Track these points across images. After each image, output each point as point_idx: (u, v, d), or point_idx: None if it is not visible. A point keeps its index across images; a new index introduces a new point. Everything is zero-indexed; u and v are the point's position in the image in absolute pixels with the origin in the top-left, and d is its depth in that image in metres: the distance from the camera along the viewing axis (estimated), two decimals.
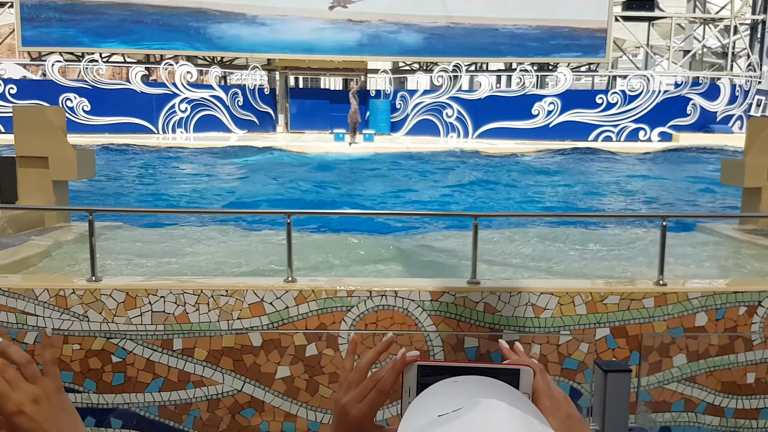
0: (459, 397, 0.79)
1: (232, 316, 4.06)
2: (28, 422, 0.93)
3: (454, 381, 0.86)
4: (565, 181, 14.81)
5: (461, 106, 24.29)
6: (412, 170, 16.12)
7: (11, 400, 0.92)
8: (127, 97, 23.30)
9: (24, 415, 0.93)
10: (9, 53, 30.42)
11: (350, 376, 1.05)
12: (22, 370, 0.94)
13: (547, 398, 0.94)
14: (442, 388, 0.84)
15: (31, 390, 0.94)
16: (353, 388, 1.03)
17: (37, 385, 0.95)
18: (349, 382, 1.05)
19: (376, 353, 1.06)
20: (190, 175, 15.19)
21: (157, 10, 24.96)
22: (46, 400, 0.95)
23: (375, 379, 1.02)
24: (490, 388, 0.84)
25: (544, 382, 0.95)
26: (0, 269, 4.94)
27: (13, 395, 0.93)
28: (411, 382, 0.95)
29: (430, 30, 25.33)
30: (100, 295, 3.97)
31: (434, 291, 4.11)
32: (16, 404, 0.93)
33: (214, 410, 4.04)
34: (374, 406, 1.02)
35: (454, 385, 0.84)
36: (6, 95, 23.07)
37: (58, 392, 0.97)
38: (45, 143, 6.62)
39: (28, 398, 0.93)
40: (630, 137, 24.21)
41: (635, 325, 4.06)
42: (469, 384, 0.84)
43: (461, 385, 0.84)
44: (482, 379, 0.86)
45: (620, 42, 28.93)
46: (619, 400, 1.62)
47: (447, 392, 0.82)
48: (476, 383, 0.85)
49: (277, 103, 26.29)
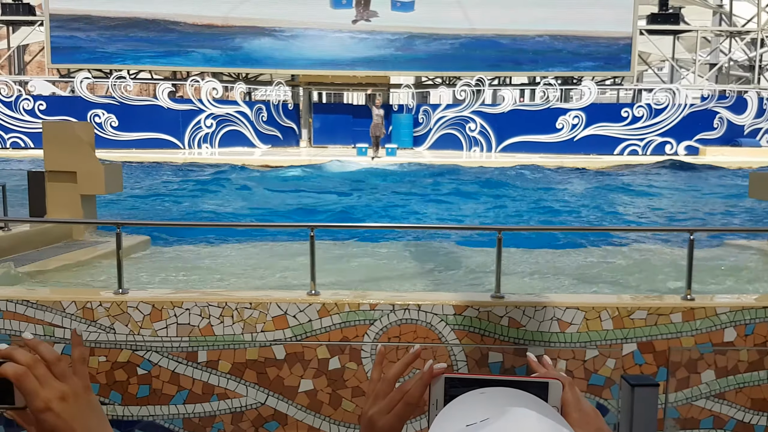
0: (487, 407, 0.79)
1: (255, 328, 4.07)
2: (55, 419, 0.94)
3: (481, 392, 0.85)
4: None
5: (484, 120, 24.26)
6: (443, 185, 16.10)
7: (40, 397, 0.93)
8: (154, 113, 23.64)
9: (51, 412, 0.94)
10: (39, 70, 31.11)
11: (377, 388, 1.05)
12: (51, 368, 0.95)
13: (576, 411, 0.93)
14: (470, 398, 0.84)
15: (60, 387, 0.95)
16: (380, 400, 1.03)
17: (66, 383, 0.96)
18: (377, 393, 1.04)
19: (403, 365, 1.06)
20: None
21: (183, 27, 25.35)
22: (74, 398, 0.96)
23: (402, 391, 1.01)
24: (519, 399, 0.83)
25: (573, 396, 0.94)
26: (28, 282, 5.02)
27: (41, 392, 0.93)
28: (438, 394, 0.94)
29: (452, 43, 25.39)
30: (126, 308, 4.01)
31: (458, 305, 4.09)
32: (44, 401, 0.93)
33: (237, 423, 4.05)
34: (402, 417, 1.01)
35: (482, 396, 0.84)
36: (35, 111, 23.52)
37: (86, 391, 0.98)
38: (73, 158, 6.75)
39: (56, 395, 0.94)
40: (656, 151, 23.97)
41: (663, 341, 4.00)
42: (496, 394, 0.84)
43: (489, 396, 0.83)
44: (510, 391, 0.85)
45: (645, 55, 28.76)
46: (647, 415, 1.60)
47: (474, 403, 0.82)
48: (504, 394, 0.84)
49: (301, 118, 26.50)
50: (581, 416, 0.93)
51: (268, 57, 25.50)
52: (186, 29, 25.38)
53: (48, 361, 0.95)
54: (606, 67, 25.61)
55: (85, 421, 0.96)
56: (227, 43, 25.47)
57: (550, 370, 1.01)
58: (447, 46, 25.43)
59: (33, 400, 0.93)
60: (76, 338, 1.02)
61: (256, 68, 26.20)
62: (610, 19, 24.89)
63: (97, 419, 0.99)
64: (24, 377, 0.93)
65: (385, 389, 1.03)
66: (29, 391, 0.93)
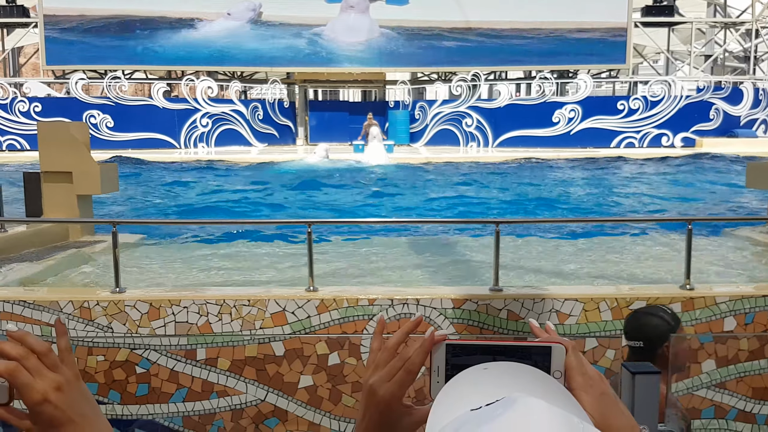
0: (490, 388, 0.77)
1: (254, 325, 4.06)
2: (53, 410, 0.93)
3: (483, 368, 0.83)
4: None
5: (481, 116, 24.25)
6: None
7: (35, 389, 0.92)
8: (149, 113, 23.60)
9: (49, 403, 0.92)
10: (33, 72, 31.03)
11: (378, 356, 1.03)
12: (42, 359, 0.93)
13: (580, 375, 0.91)
14: (472, 376, 0.81)
15: (54, 378, 0.93)
16: (381, 368, 1.01)
17: (59, 372, 0.94)
18: (377, 362, 1.02)
19: (403, 333, 1.04)
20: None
21: (176, 25, 25.28)
22: (68, 387, 0.94)
23: (403, 359, 1.00)
24: (523, 377, 0.81)
25: (576, 360, 0.92)
26: (25, 282, 5.00)
27: (36, 384, 0.92)
28: (440, 361, 0.93)
29: (448, 38, 25.33)
30: (124, 307, 4.00)
31: (456, 299, 4.08)
32: (40, 393, 0.92)
33: (237, 420, 4.04)
34: (403, 385, 1.00)
35: (484, 372, 0.82)
36: (31, 113, 23.48)
37: (77, 379, 0.97)
38: (69, 158, 6.72)
39: (51, 386, 0.93)
40: (653, 143, 23.98)
41: None
42: (500, 372, 0.82)
43: (492, 374, 0.81)
44: (513, 366, 0.83)
45: (640, 48, 28.74)
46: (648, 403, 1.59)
47: (477, 382, 0.80)
48: (507, 371, 0.82)
49: (297, 116, 26.46)
50: (585, 380, 0.91)
51: (263, 55, 25.44)
52: (180, 25, 25.28)
53: (38, 352, 0.94)
54: (601, 60, 25.60)
55: (80, 410, 0.96)
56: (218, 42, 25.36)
57: (553, 335, 1.00)
58: (443, 41, 25.39)
59: (28, 393, 0.92)
60: (61, 327, 1.01)
61: (251, 67, 26.14)
62: (604, 12, 24.88)
63: (90, 407, 0.98)
64: (16, 372, 0.91)
65: (386, 358, 1.02)
66: (23, 384, 0.92)
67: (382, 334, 1.07)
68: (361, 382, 1.01)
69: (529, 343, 0.90)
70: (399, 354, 1.01)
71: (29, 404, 0.93)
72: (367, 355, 4.15)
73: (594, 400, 0.90)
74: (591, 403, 0.89)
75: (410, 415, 1.02)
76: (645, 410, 1.56)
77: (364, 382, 1.03)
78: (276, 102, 25.21)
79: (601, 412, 0.90)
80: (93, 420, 0.97)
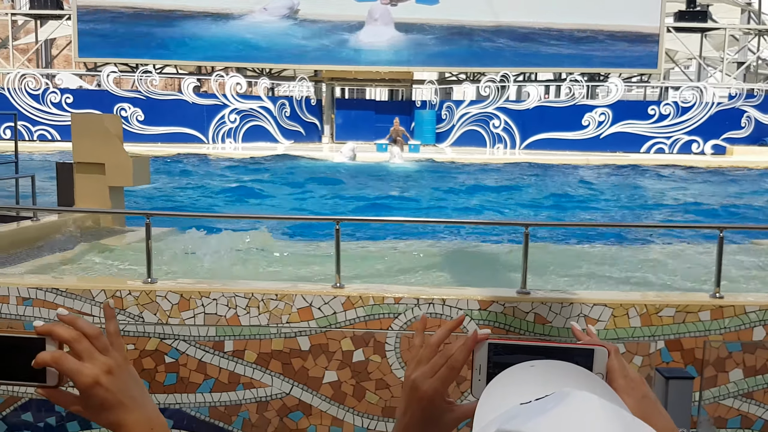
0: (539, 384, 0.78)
1: (281, 320, 4.10)
2: (104, 393, 0.94)
3: (530, 365, 0.84)
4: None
5: (509, 117, 24.12)
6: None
7: (85, 373, 0.93)
8: (179, 108, 23.85)
9: (100, 386, 0.94)
10: (66, 64, 31.50)
11: (420, 353, 1.04)
12: (93, 342, 0.95)
13: (622, 378, 0.93)
14: (520, 373, 0.83)
15: (105, 361, 0.95)
16: (423, 364, 1.02)
17: (109, 356, 0.96)
18: (419, 358, 1.04)
19: (446, 331, 1.05)
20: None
21: (208, 19, 25.49)
22: (118, 370, 0.96)
23: (446, 355, 1.01)
24: (570, 374, 0.82)
25: (618, 363, 0.94)
26: (58, 271, 5.10)
27: (86, 368, 0.93)
28: (482, 359, 0.94)
29: (478, 38, 25.19)
30: (155, 297, 4.06)
31: (483, 300, 4.08)
32: (92, 376, 0.93)
33: (263, 412, 4.08)
34: (445, 381, 1.01)
35: (532, 370, 0.83)
36: (62, 105, 23.85)
37: (126, 363, 0.98)
38: (102, 150, 6.82)
39: (102, 369, 0.94)
40: (683, 149, 23.69)
41: (691, 339, 3.96)
42: (548, 369, 0.83)
43: (540, 370, 0.83)
44: (560, 365, 0.84)
45: (672, 53, 28.40)
46: (681, 408, 1.58)
47: (526, 377, 0.81)
48: (555, 369, 0.83)
49: (323, 114, 26.56)
50: (627, 383, 0.93)
51: (291, 53, 25.56)
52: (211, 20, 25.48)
53: (89, 336, 0.95)
54: (633, 64, 25.32)
55: (129, 392, 0.97)
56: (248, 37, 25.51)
57: (595, 338, 1.01)
58: (472, 40, 25.26)
59: (78, 377, 0.93)
60: (110, 311, 1.02)
61: (280, 64, 26.29)
62: (637, 15, 24.60)
63: (139, 389, 1.00)
64: (63, 359, 0.93)
65: (428, 354, 1.03)
66: (71, 370, 0.93)
67: (423, 331, 1.08)
68: (385, 379, 1.02)
69: (572, 345, 0.91)
70: (441, 351, 1.02)
71: (81, 387, 0.94)
72: (391, 354, 4.18)
73: (636, 402, 0.91)
74: (633, 405, 0.90)
75: (452, 411, 1.03)
76: (678, 415, 1.55)
77: (405, 378, 1.05)
78: (303, 99, 25.33)
79: (642, 414, 0.91)
80: (142, 402, 0.99)
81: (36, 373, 0.95)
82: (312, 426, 4.10)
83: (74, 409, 0.97)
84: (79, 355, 0.94)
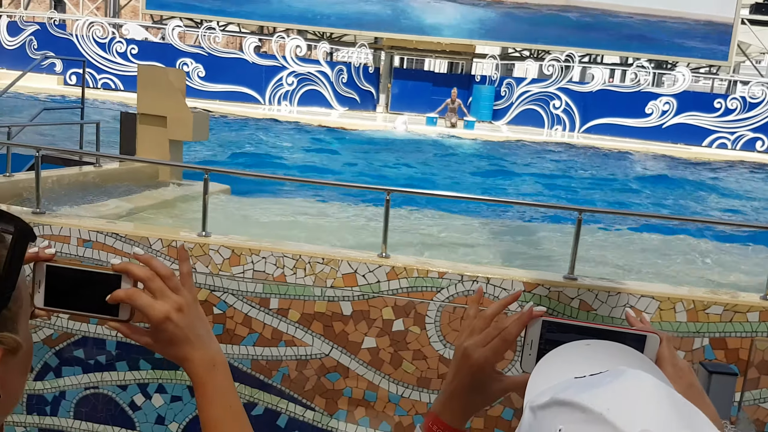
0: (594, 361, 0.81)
1: (326, 283, 4.18)
2: (174, 328, 1.01)
3: (586, 344, 0.87)
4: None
5: (570, 98, 23.61)
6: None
7: (156, 309, 0.99)
8: (239, 67, 24.07)
9: (170, 322, 1.00)
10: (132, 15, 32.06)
11: (474, 323, 1.08)
12: (165, 281, 1.01)
13: (671, 366, 0.95)
14: (576, 349, 0.85)
15: (176, 299, 1.01)
16: (476, 334, 1.06)
17: (180, 295, 1.02)
18: (473, 327, 1.07)
19: (501, 305, 1.09)
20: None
21: None
22: (188, 309, 1.02)
23: (499, 328, 1.04)
24: (624, 355, 0.85)
25: (669, 351, 0.96)
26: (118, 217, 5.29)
27: (160, 304, 1.00)
28: (534, 335, 0.97)
29: (545, 16, 24.66)
30: (208, 250, 4.18)
31: (528, 282, 4.08)
32: (163, 312, 1.00)
33: (302, 370, 4.20)
34: (497, 352, 1.04)
35: (588, 348, 0.86)
36: (127, 55, 24.32)
37: (195, 302, 1.05)
38: (165, 103, 6.98)
39: (173, 306, 1.00)
40: (746, 146, 22.89)
41: (736, 338, 3.90)
42: (603, 348, 0.86)
43: (595, 349, 0.85)
44: (615, 346, 0.87)
45: (745, 46, 27.30)
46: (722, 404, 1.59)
47: (581, 354, 0.84)
48: (611, 349, 0.86)
49: (380, 83, 26.47)
50: (676, 371, 0.95)
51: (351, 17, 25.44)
52: None
53: (162, 276, 1.01)
54: (703, 54, 24.46)
55: (197, 330, 1.04)
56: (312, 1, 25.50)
57: (648, 325, 1.03)
58: (538, 17, 24.74)
59: (151, 312, 0.99)
60: (183, 253, 1.09)
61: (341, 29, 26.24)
62: (711, 5, 23.69)
63: (205, 329, 1.07)
64: (136, 295, 0.99)
65: (482, 325, 1.06)
66: (144, 305, 0.99)
67: (478, 302, 1.12)
68: (423, 351, 1.06)
69: (625, 329, 0.94)
70: (495, 323, 1.06)
71: (153, 322, 1.01)
72: (431, 326, 4.23)
73: (683, 390, 0.93)
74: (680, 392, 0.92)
75: (500, 381, 1.07)
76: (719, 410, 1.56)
77: (457, 345, 1.09)
78: (361, 66, 25.26)
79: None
80: (207, 341, 1.06)
81: (110, 308, 1.01)
82: (348, 388, 4.19)
83: (144, 341, 1.04)
84: (153, 293, 1.00)
